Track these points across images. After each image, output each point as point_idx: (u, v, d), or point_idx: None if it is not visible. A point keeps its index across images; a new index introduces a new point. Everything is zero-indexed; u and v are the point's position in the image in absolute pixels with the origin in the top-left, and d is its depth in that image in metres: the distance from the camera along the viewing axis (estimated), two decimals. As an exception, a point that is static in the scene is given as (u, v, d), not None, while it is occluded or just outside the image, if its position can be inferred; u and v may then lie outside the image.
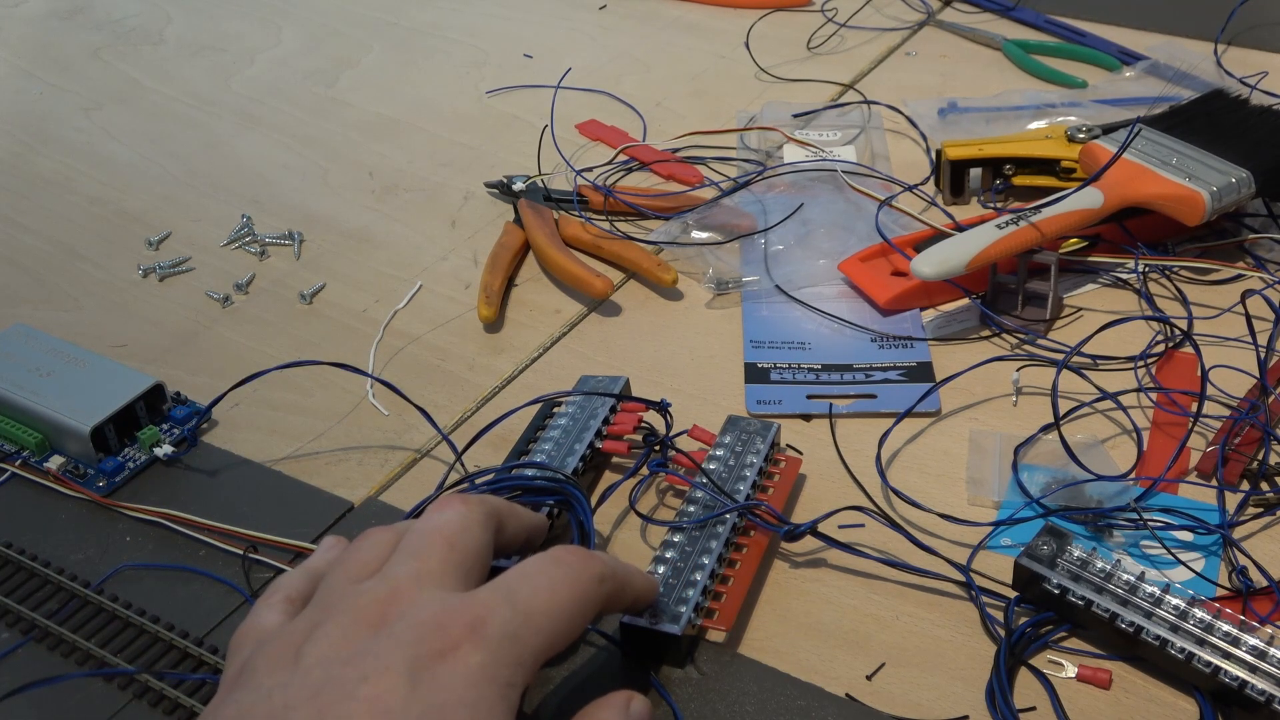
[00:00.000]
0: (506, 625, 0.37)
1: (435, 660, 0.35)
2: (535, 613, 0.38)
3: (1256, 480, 0.52)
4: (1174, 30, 0.88)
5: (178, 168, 0.82)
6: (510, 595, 0.38)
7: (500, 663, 0.36)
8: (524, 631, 0.37)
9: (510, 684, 0.36)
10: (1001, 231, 0.60)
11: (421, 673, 0.35)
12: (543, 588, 0.38)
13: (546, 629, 0.38)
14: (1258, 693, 0.42)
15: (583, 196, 0.73)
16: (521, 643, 0.37)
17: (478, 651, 0.36)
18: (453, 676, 0.35)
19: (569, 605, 0.38)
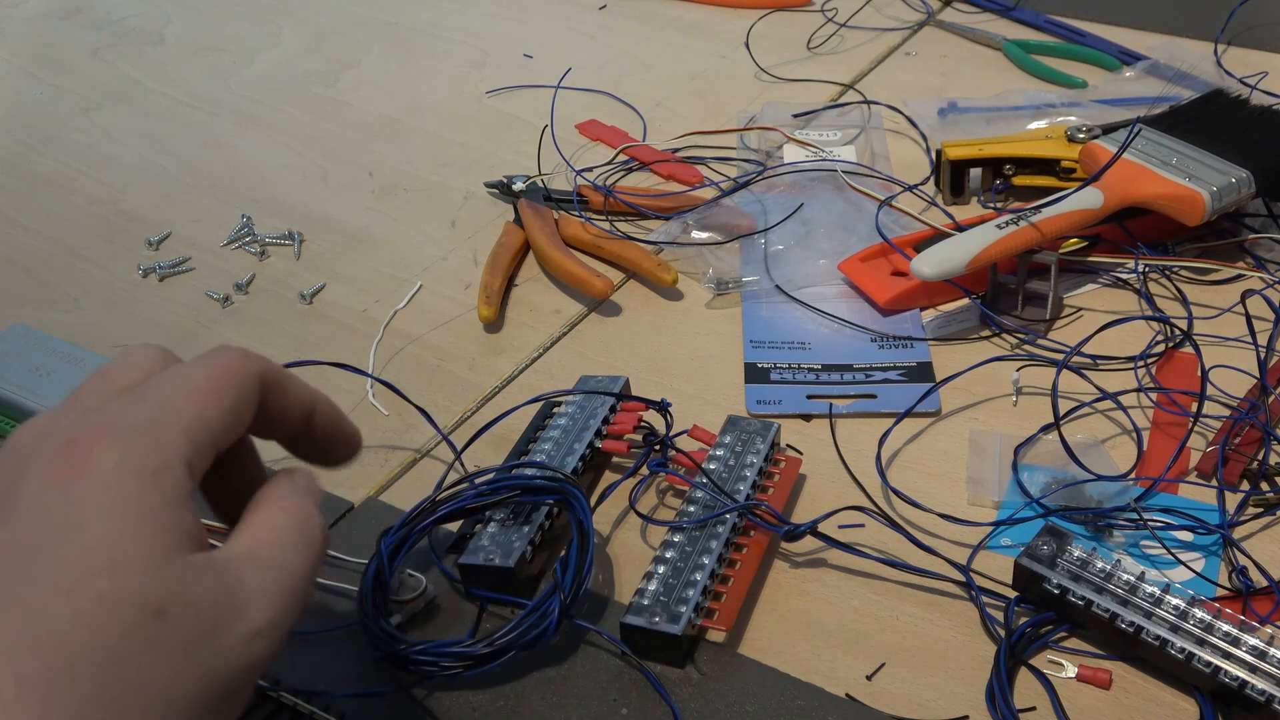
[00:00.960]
0: (141, 416, 0.34)
1: (68, 478, 0.32)
2: (171, 397, 0.35)
3: (1256, 480, 0.52)
4: (1174, 30, 0.88)
5: (178, 168, 0.82)
6: (140, 393, 0.35)
7: (141, 454, 0.33)
8: (162, 416, 0.34)
9: (159, 472, 0.33)
10: (1001, 231, 0.60)
11: (54, 496, 0.32)
12: (174, 376, 0.36)
13: (189, 408, 0.35)
14: (1258, 693, 0.42)
15: (583, 196, 0.73)
16: (162, 428, 0.34)
17: (112, 452, 0.33)
18: (88, 487, 0.32)
19: (209, 379, 0.36)
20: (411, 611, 0.49)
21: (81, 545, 0.31)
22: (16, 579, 0.31)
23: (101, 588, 0.31)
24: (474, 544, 0.49)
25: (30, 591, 0.31)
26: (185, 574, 0.32)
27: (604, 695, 0.46)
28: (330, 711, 0.45)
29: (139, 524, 0.32)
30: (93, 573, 0.31)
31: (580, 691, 0.46)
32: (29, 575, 0.31)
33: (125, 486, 0.32)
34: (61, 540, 0.31)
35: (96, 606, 0.30)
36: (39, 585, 0.31)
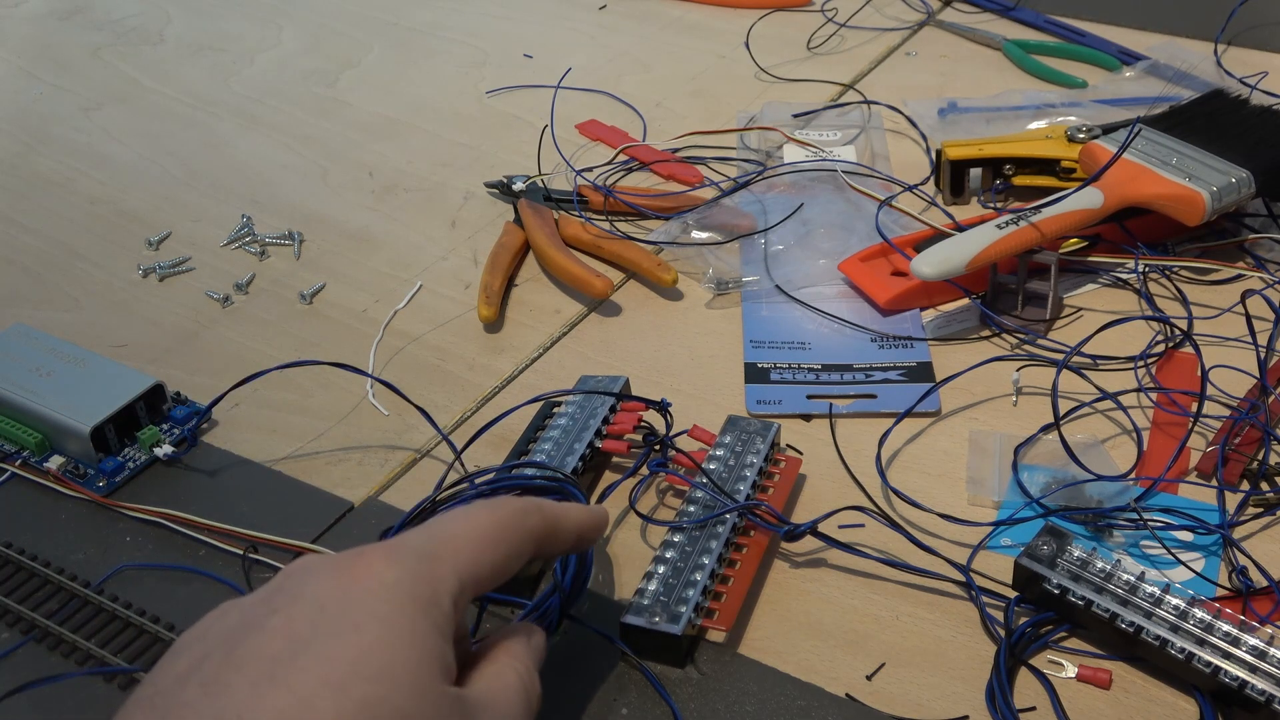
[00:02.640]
0: (421, 546, 0.37)
1: (349, 582, 0.35)
2: (453, 536, 0.38)
3: (1256, 480, 0.52)
4: (1174, 30, 0.88)
5: (178, 168, 0.82)
6: (425, 527, 0.38)
7: (417, 578, 0.35)
8: (441, 551, 0.37)
9: (431, 601, 0.35)
10: (1001, 231, 0.60)
11: (332, 595, 0.35)
12: (459, 516, 0.39)
13: (465, 550, 0.37)
14: (1258, 693, 0.42)
15: (583, 196, 0.73)
16: (438, 560, 0.36)
17: (391, 569, 0.35)
18: (365, 593, 0.35)
19: (488, 529, 0.38)
20: (411, 611, 0.48)
21: (354, 647, 0.33)
22: (287, 663, 0.33)
23: (367, 693, 0.33)
24: (474, 544, 0.49)
25: (298, 679, 0.33)
26: (440, 702, 0.34)
27: (604, 695, 0.46)
28: (330, 711, 0.45)
29: (409, 642, 0.34)
30: (361, 677, 0.33)
31: (580, 691, 0.46)
32: (300, 664, 0.33)
33: (400, 603, 0.35)
34: (334, 637, 0.34)
35: (358, 711, 0.32)
36: (308, 675, 0.33)
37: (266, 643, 0.34)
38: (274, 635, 0.34)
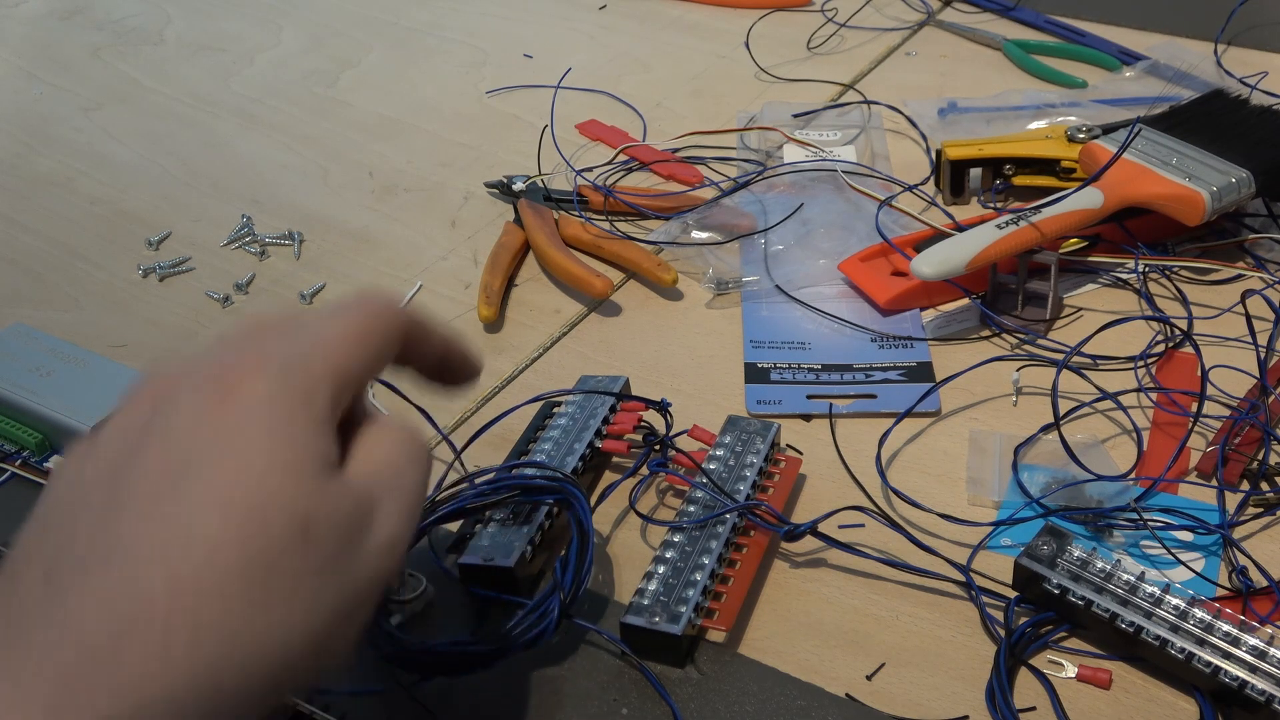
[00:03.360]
0: (290, 354, 0.36)
1: (222, 404, 0.34)
2: (322, 339, 0.37)
3: (1256, 480, 0.52)
4: (1174, 30, 0.88)
5: (178, 168, 0.82)
6: (291, 330, 0.37)
7: (290, 389, 0.35)
8: (312, 354, 0.36)
9: (306, 408, 0.35)
10: (1001, 231, 0.60)
11: (207, 420, 0.34)
12: (324, 319, 0.38)
13: (336, 352, 0.37)
14: (1258, 693, 0.42)
15: (583, 196, 0.73)
16: (309, 366, 0.36)
17: (263, 383, 0.35)
18: (240, 413, 0.34)
19: (355, 328, 0.37)
20: (411, 611, 0.49)
21: (232, 466, 0.33)
22: (166, 497, 0.33)
23: (252, 502, 0.32)
24: (474, 544, 0.49)
25: (181, 507, 0.32)
26: (327, 493, 0.34)
27: (604, 695, 0.46)
28: (330, 711, 0.45)
29: (288, 448, 0.34)
30: (245, 489, 0.33)
31: (580, 691, 0.46)
32: (180, 493, 0.33)
33: (274, 415, 0.34)
34: (212, 462, 0.33)
35: (246, 519, 0.32)
36: (190, 501, 0.32)
37: (143, 482, 0.33)
38: (150, 473, 0.33)
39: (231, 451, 0.33)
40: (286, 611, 0.32)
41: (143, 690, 0.30)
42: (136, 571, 0.31)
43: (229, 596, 0.31)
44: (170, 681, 0.30)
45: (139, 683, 0.30)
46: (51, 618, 0.31)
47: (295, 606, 0.33)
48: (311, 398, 0.35)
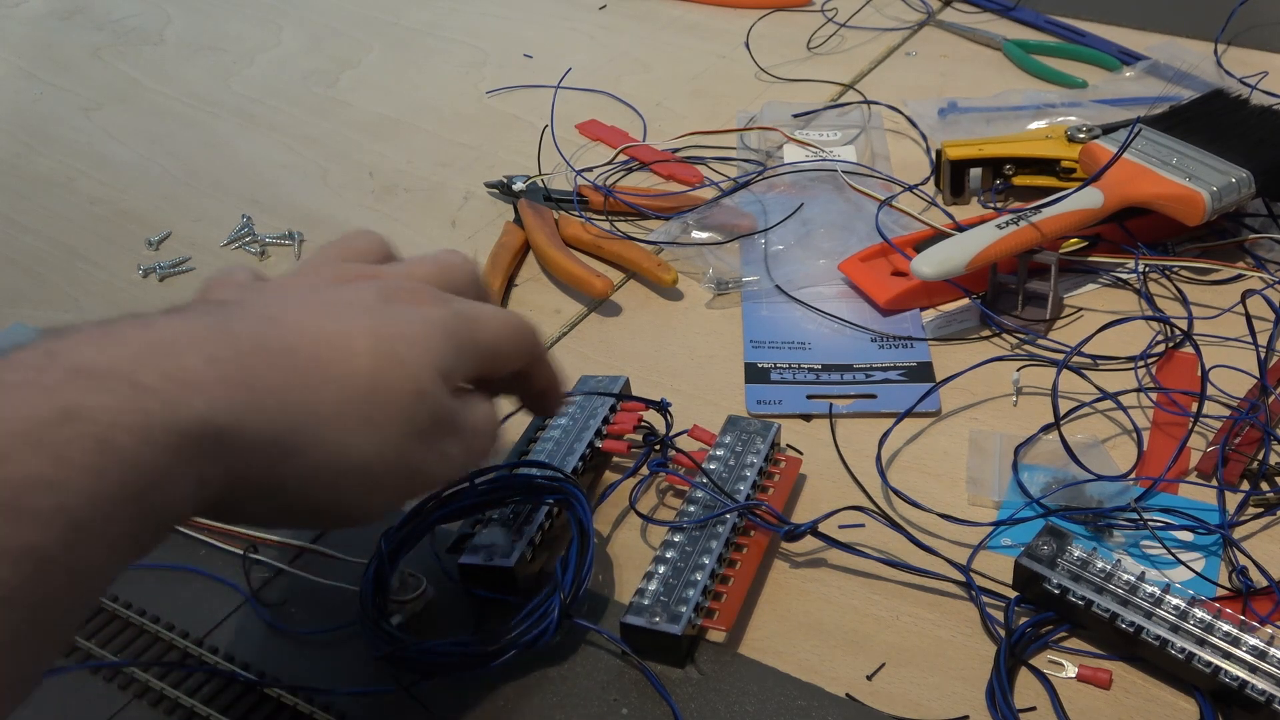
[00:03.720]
0: (462, 312, 0.42)
1: (402, 302, 0.41)
2: (486, 316, 0.43)
3: (1256, 480, 0.52)
4: (1174, 30, 0.88)
5: (178, 168, 0.82)
6: (472, 303, 0.44)
7: (453, 328, 0.41)
8: (475, 325, 0.42)
9: (458, 346, 0.41)
10: (1001, 231, 0.60)
11: (391, 301, 0.41)
12: (497, 311, 0.45)
13: (493, 336, 0.43)
14: (1258, 693, 0.42)
15: (583, 196, 0.73)
16: (475, 329, 0.42)
17: (438, 309, 0.41)
18: (413, 313, 0.40)
19: (511, 330, 0.44)
20: (411, 611, 0.48)
21: (396, 330, 0.40)
22: (338, 311, 0.40)
23: (399, 354, 0.39)
24: (474, 544, 0.49)
25: (346, 324, 0.39)
26: (443, 391, 0.40)
27: (604, 695, 0.46)
28: (330, 711, 0.45)
29: (434, 351, 0.40)
30: (398, 345, 0.39)
31: (580, 691, 0.46)
32: (349, 316, 0.40)
33: (434, 331, 0.40)
34: (386, 318, 0.40)
35: (388, 358, 0.39)
36: (357, 324, 0.39)
37: (337, 300, 0.41)
38: (345, 297, 0.41)
39: (401, 322, 0.40)
40: (372, 431, 0.38)
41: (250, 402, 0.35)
42: (293, 330, 0.38)
43: (350, 391, 0.38)
44: (278, 414, 0.36)
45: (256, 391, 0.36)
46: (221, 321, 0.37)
47: (379, 432, 0.38)
48: (463, 347, 0.41)
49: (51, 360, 0.33)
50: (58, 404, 0.31)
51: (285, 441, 0.36)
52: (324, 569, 0.51)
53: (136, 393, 0.33)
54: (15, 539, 0.30)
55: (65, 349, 0.33)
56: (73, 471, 0.31)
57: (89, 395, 0.32)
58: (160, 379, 0.33)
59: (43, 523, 0.30)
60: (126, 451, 0.32)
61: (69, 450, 0.31)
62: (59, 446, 0.31)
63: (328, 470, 0.38)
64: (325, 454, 0.37)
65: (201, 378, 0.34)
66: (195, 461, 0.34)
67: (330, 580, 0.51)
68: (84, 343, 0.34)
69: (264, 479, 0.36)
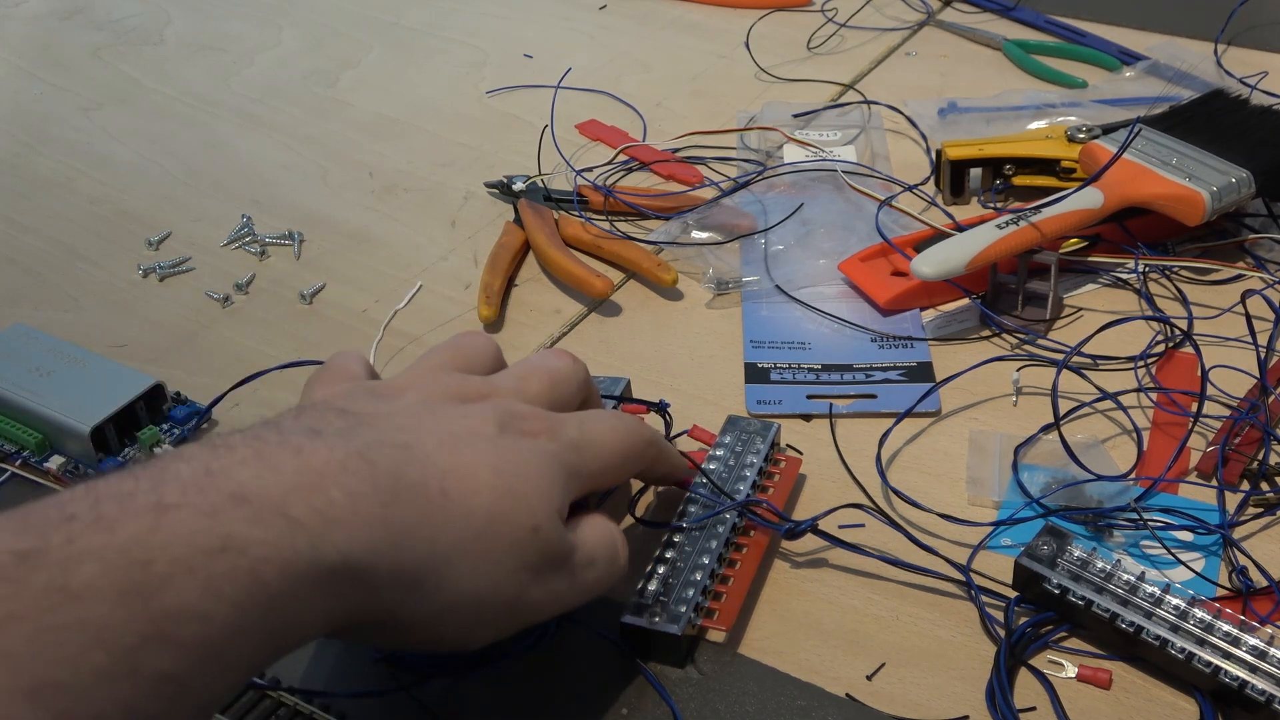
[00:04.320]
0: (576, 439, 0.43)
1: (518, 433, 0.42)
2: (597, 442, 0.44)
3: (1256, 480, 0.52)
4: (1174, 30, 0.88)
5: (178, 168, 0.82)
6: (581, 423, 0.44)
7: (566, 461, 0.42)
8: (586, 450, 0.43)
9: (568, 478, 0.42)
10: (1001, 231, 0.60)
11: (506, 431, 0.41)
12: (607, 427, 0.45)
13: (602, 459, 0.44)
14: (1258, 693, 0.42)
15: (583, 196, 0.73)
16: (582, 456, 0.43)
17: (553, 443, 0.42)
18: (530, 448, 0.41)
19: (622, 448, 0.45)
20: (411, 611, 0.48)
21: (513, 467, 0.40)
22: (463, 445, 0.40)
23: (516, 490, 0.40)
24: (474, 544, 0.49)
25: (469, 458, 0.40)
26: (556, 525, 0.41)
27: (604, 695, 0.46)
28: (330, 711, 0.45)
29: (547, 487, 0.41)
30: (514, 482, 0.40)
31: (580, 691, 0.46)
32: (472, 451, 0.40)
33: (547, 466, 0.41)
34: (504, 456, 0.41)
35: (507, 494, 0.40)
36: (477, 459, 0.40)
37: (457, 427, 0.41)
38: (464, 426, 0.41)
39: (518, 457, 0.41)
40: (488, 567, 0.39)
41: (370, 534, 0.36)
42: (423, 462, 0.39)
43: (471, 528, 0.38)
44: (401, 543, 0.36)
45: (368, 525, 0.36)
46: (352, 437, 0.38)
47: (494, 568, 0.39)
48: (573, 478, 0.42)
49: (211, 482, 0.33)
50: (218, 533, 0.32)
51: (410, 579, 0.37)
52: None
53: (288, 527, 0.34)
54: (161, 666, 0.30)
55: (222, 470, 0.34)
56: (220, 603, 0.31)
57: (246, 527, 0.33)
58: (309, 513, 0.34)
59: (184, 652, 0.31)
60: (271, 588, 0.33)
61: (221, 583, 0.32)
62: (213, 579, 0.32)
63: (444, 604, 0.38)
64: (444, 589, 0.38)
65: (344, 514, 0.35)
66: (328, 596, 0.35)
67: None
68: (240, 465, 0.34)
69: (384, 612, 0.37)
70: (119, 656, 0.30)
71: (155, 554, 0.31)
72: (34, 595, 0.29)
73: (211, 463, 0.34)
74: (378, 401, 0.42)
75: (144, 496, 0.32)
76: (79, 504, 0.32)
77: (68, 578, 0.30)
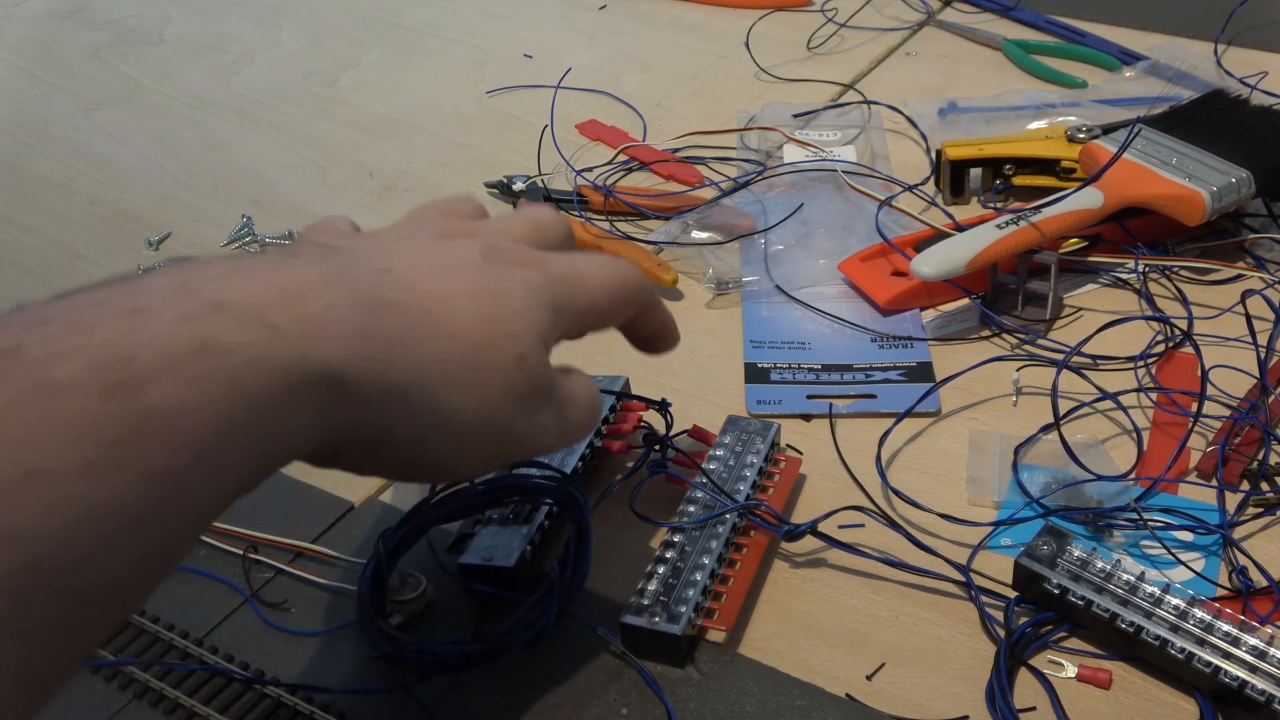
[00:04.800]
0: (564, 272, 0.42)
1: (505, 263, 0.41)
2: (588, 278, 0.43)
3: (1256, 480, 0.52)
4: (1174, 30, 0.88)
5: (178, 168, 0.82)
6: (570, 260, 0.43)
7: (553, 294, 0.41)
8: (576, 285, 0.43)
9: (557, 311, 0.41)
10: (1001, 231, 0.60)
11: (494, 261, 0.41)
12: (597, 265, 0.44)
13: (593, 293, 0.43)
14: (1258, 693, 0.42)
15: (583, 196, 0.73)
16: (572, 290, 0.42)
17: (540, 274, 0.41)
18: (516, 277, 0.40)
19: (613, 286, 0.44)
20: (411, 611, 0.49)
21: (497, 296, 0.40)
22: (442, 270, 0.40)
23: (501, 314, 0.39)
24: (474, 544, 0.49)
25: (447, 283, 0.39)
26: (543, 357, 0.41)
27: (604, 695, 0.46)
28: (330, 710, 0.45)
29: (535, 317, 0.40)
30: (500, 308, 0.39)
31: (580, 691, 0.46)
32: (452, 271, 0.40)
33: (534, 297, 0.40)
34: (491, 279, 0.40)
35: (492, 318, 0.39)
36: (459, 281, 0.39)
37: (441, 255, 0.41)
38: (448, 254, 0.41)
39: (503, 286, 0.40)
40: (474, 391, 0.38)
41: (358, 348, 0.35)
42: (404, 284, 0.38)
43: (455, 351, 0.38)
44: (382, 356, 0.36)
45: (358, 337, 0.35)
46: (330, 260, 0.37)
47: (480, 393, 0.38)
48: (562, 311, 0.42)
49: (188, 291, 0.33)
50: (198, 334, 0.32)
51: (396, 394, 0.36)
52: (323, 569, 0.51)
53: (269, 333, 0.33)
54: (151, 463, 0.30)
55: (200, 281, 0.33)
56: (205, 402, 0.31)
57: (225, 331, 0.32)
58: (290, 322, 0.34)
59: (175, 448, 0.30)
60: (255, 390, 0.32)
61: (204, 383, 0.31)
62: (196, 378, 0.31)
63: (432, 426, 0.38)
64: (431, 410, 0.37)
65: (325, 324, 0.35)
66: (314, 407, 0.34)
67: (329, 580, 0.51)
68: (218, 277, 0.34)
69: (372, 429, 0.36)
70: (108, 448, 0.29)
71: (135, 352, 0.30)
72: (18, 389, 0.29)
73: (188, 276, 0.34)
74: (358, 239, 0.42)
75: (119, 301, 0.32)
76: (52, 310, 0.31)
77: (49, 373, 0.29)
